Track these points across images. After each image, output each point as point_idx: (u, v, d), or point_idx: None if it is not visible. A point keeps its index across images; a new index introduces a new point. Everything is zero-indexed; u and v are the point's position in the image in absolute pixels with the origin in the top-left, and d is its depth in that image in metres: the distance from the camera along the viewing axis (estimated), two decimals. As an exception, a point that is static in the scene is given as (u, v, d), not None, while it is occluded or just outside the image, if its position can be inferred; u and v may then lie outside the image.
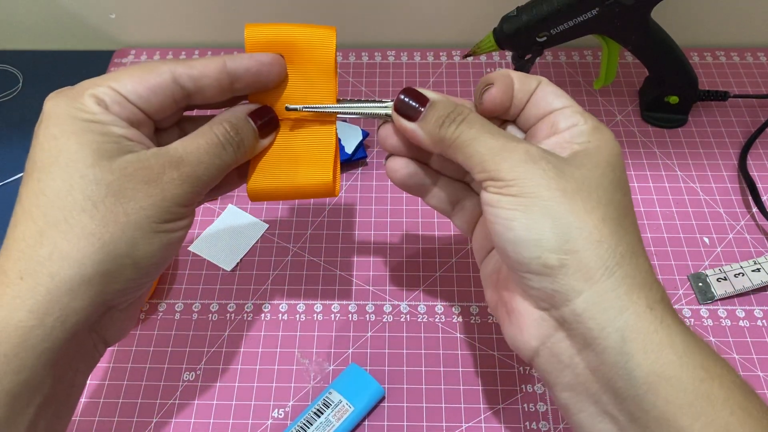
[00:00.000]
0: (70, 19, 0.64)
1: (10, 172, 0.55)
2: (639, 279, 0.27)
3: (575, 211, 0.27)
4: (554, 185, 0.28)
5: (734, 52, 0.64)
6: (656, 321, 0.27)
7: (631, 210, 0.30)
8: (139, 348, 0.45)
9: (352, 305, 0.47)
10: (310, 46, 0.33)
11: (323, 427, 0.39)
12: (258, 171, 0.34)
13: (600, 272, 0.27)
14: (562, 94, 0.32)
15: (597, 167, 0.29)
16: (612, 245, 0.27)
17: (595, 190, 0.28)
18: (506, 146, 0.29)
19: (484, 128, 0.30)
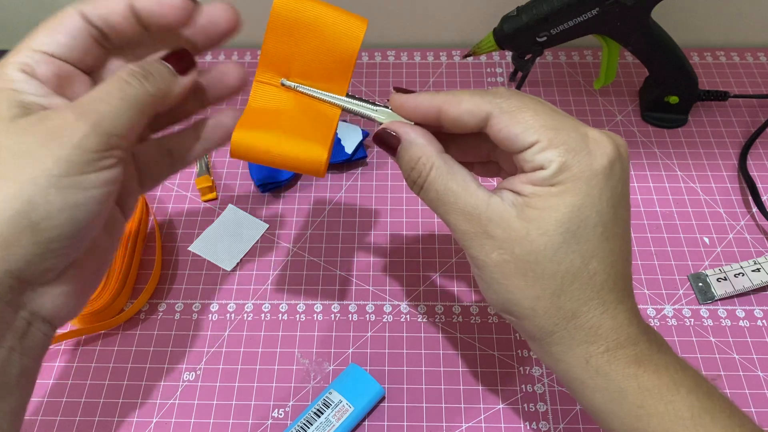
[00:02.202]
0: (70, 19, 0.64)
1: (10, 172, 0.55)
2: (579, 338, 0.30)
3: (512, 289, 0.30)
4: (495, 258, 0.30)
5: (734, 52, 0.64)
6: (590, 371, 0.30)
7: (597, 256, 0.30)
8: (139, 348, 0.45)
9: (352, 305, 0.47)
10: (336, 32, 0.32)
11: (323, 427, 0.39)
12: (248, 125, 0.32)
13: (539, 336, 0.31)
14: (532, 120, 0.29)
15: (549, 223, 0.29)
16: (548, 317, 0.30)
17: (536, 263, 0.29)
18: (463, 212, 0.30)
19: (440, 193, 0.31)
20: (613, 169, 0.29)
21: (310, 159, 0.32)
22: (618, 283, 0.30)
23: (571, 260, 0.29)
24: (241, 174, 0.55)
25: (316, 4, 0.32)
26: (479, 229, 0.30)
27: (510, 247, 0.29)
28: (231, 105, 0.54)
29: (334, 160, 0.53)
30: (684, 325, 0.45)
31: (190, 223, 0.51)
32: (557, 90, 0.61)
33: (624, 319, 0.30)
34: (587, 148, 0.29)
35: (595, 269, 0.30)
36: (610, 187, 0.29)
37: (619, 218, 0.30)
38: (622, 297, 0.31)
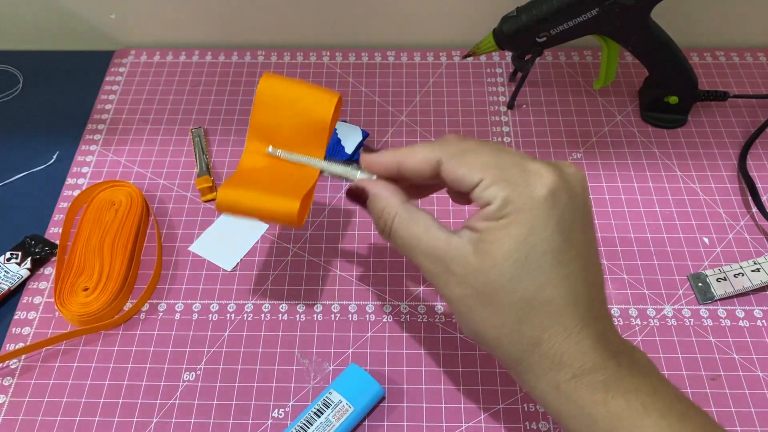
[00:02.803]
0: (70, 19, 0.64)
1: (10, 172, 0.55)
2: (545, 365, 0.31)
3: (477, 321, 0.32)
4: (458, 293, 0.32)
5: (734, 52, 0.64)
6: (561, 398, 0.31)
7: (551, 282, 0.31)
8: (139, 348, 0.45)
9: (352, 305, 0.47)
10: (311, 106, 0.38)
11: (323, 427, 0.39)
12: (233, 185, 0.37)
13: (510, 364, 0.33)
14: (475, 161, 0.32)
15: (500, 255, 0.31)
16: (513, 346, 0.32)
17: (494, 294, 0.31)
18: (426, 253, 0.33)
19: (405, 238, 0.34)
20: (556, 197, 0.31)
21: (284, 212, 0.37)
22: (580, 307, 0.31)
23: (525, 288, 0.31)
24: (241, 174, 0.55)
25: (293, 84, 0.38)
26: (442, 267, 0.32)
27: (469, 282, 0.32)
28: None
29: (334, 160, 0.53)
30: (684, 325, 0.45)
31: (190, 223, 0.52)
32: (557, 90, 0.61)
33: (589, 344, 0.31)
34: (527, 181, 0.31)
35: (551, 295, 0.31)
36: (555, 214, 0.31)
37: (573, 243, 0.31)
38: (586, 321, 0.31)
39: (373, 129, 0.58)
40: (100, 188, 0.51)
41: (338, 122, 0.54)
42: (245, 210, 0.37)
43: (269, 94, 0.38)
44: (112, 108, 0.60)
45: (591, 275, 0.32)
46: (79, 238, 0.48)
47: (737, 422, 0.41)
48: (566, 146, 0.56)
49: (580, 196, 0.32)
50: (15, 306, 0.47)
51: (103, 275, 0.46)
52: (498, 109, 0.59)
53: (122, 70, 0.63)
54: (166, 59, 0.64)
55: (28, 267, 0.48)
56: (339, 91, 0.61)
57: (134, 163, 0.55)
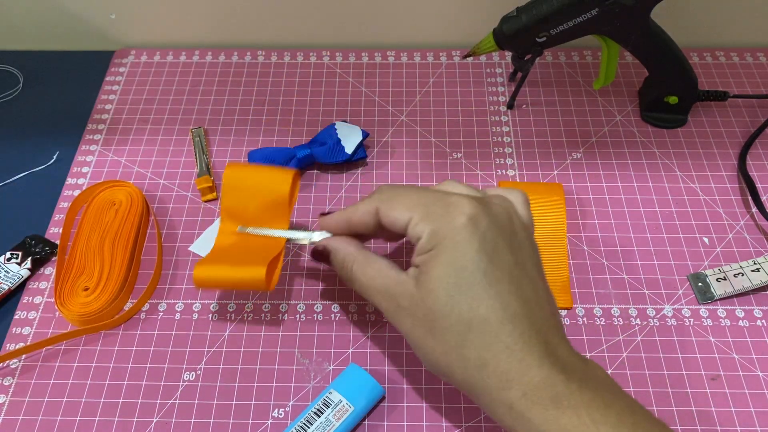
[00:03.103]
0: (70, 19, 0.64)
1: (10, 172, 0.55)
2: (495, 386, 0.32)
3: (428, 350, 0.35)
4: (408, 325, 0.35)
5: (734, 52, 0.64)
6: (515, 417, 0.32)
7: (483, 301, 0.33)
8: (139, 348, 0.45)
9: (352, 305, 0.47)
10: (271, 186, 0.44)
11: (323, 426, 0.39)
12: (207, 262, 0.42)
13: (467, 391, 0.34)
14: (404, 203, 0.36)
15: (433, 282, 0.34)
16: (461, 371, 0.33)
17: (434, 320, 0.34)
18: (380, 292, 0.37)
19: (362, 281, 0.38)
20: (476, 222, 0.34)
21: (253, 278, 0.41)
22: (518, 324, 0.32)
23: (460, 310, 0.33)
24: (241, 174, 0.55)
25: (253, 169, 0.45)
26: (394, 303, 0.36)
27: (415, 313, 0.35)
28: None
29: (334, 160, 0.53)
30: (683, 325, 0.45)
31: (190, 223, 0.52)
32: (557, 90, 0.61)
33: (533, 360, 0.32)
34: (448, 212, 0.34)
35: (486, 314, 0.33)
36: (476, 238, 0.33)
37: (500, 262, 0.34)
38: (527, 338, 0.32)
39: (373, 129, 0.58)
40: (100, 188, 0.51)
41: (338, 122, 0.54)
42: (219, 282, 0.42)
43: (233, 181, 0.44)
44: (112, 108, 0.60)
45: (526, 293, 0.34)
46: (79, 238, 0.49)
47: (737, 422, 0.41)
48: (566, 146, 0.56)
49: (503, 219, 0.35)
50: (15, 306, 0.47)
51: (103, 275, 0.46)
52: (498, 109, 0.59)
53: (122, 70, 0.63)
54: (166, 59, 0.64)
55: (28, 267, 0.48)
56: (339, 91, 0.61)
57: (134, 163, 0.55)
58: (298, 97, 0.61)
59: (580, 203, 0.52)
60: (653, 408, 0.42)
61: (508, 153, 0.56)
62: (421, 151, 0.56)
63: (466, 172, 0.55)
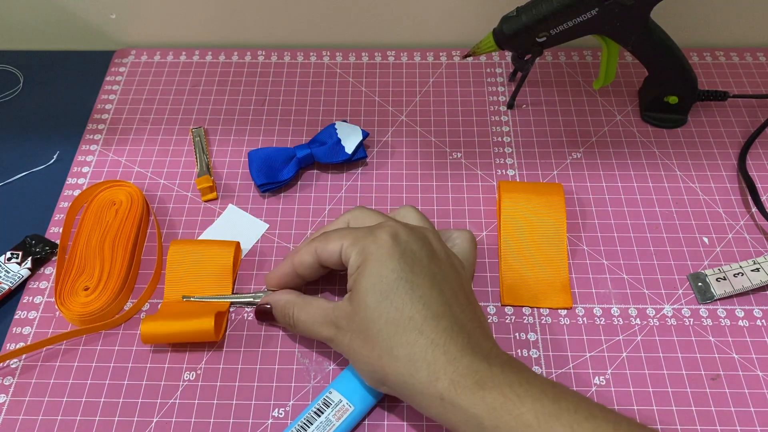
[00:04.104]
0: (70, 19, 0.64)
1: (10, 172, 0.55)
2: (424, 379, 0.35)
3: (366, 360, 0.37)
4: (347, 341, 0.38)
5: (734, 52, 0.64)
6: (447, 408, 0.34)
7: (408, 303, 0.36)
8: (139, 348, 0.45)
9: (352, 305, 0.47)
10: (214, 258, 0.47)
11: (323, 426, 0.39)
12: (153, 318, 0.43)
13: (408, 397, 0.37)
14: (335, 236, 0.40)
15: (362, 293, 0.37)
16: (396, 373, 0.36)
17: (367, 328, 0.37)
18: (322, 324, 0.40)
19: (304, 321, 0.41)
20: (397, 237, 0.38)
21: (201, 329, 0.43)
22: (441, 321, 0.36)
23: (387, 313, 0.36)
24: (241, 174, 0.55)
25: (196, 244, 0.48)
26: (334, 328, 0.39)
27: (351, 327, 0.38)
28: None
29: (334, 160, 0.53)
30: (683, 325, 0.46)
31: (191, 223, 0.52)
32: (557, 90, 0.61)
33: (456, 351, 0.35)
34: (372, 233, 0.39)
35: (411, 313, 0.36)
36: (398, 249, 0.37)
37: (422, 271, 0.37)
38: (450, 333, 0.35)
39: (373, 129, 0.58)
40: (100, 188, 0.51)
41: (338, 122, 0.54)
42: (168, 335, 0.43)
43: (178, 255, 0.47)
44: (113, 108, 0.60)
45: (447, 296, 0.37)
46: (79, 237, 0.49)
47: (737, 422, 0.41)
48: (566, 146, 0.56)
49: (422, 236, 0.39)
50: (15, 306, 0.47)
51: (103, 275, 0.46)
52: (498, 109, 0.59)
53: (122, 70, 0.63)
54: (166, 59, 0.64)
55: (28, 267, 0.48)
56: (339, 91, 0.61)
57: (134, 163, 0.56)
58: (298, 97, 0.61)
59: (580, 203, 0.52)
60: (653, 408, 0.42)
61: (508, 153, 0.56)
62: (421, 151, 0.56)
63: (466, 171, 0.55)
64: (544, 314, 0.46)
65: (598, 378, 0.43)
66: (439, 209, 0.52)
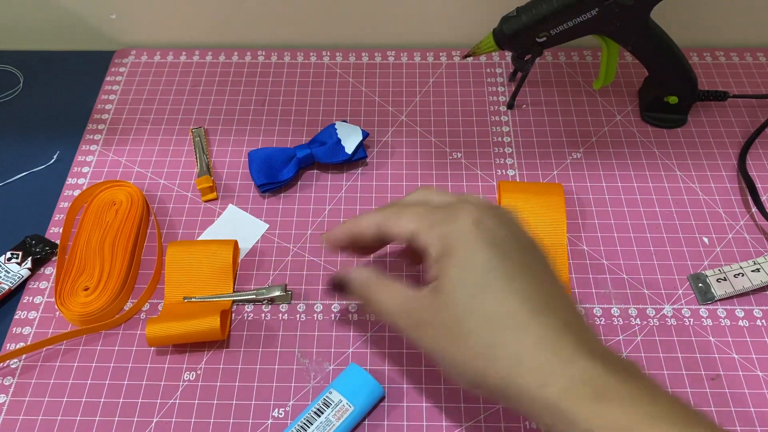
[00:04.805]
0: (70, 19, 0.64)
1: (11, 172, 0.55)
2: (532, 383, 0.31)
3: (455, 359, 0.33)
4: (431, 336, 0.34)
5: (734, 52, 0.64)
6: (558, 417, 0.30)
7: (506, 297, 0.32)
8: (139, 348, 0.45)
9: (352, 305, 0.47)
10: (213, 257, 0.47)
11: (323, 426, 0.39)
12: (157, 320, 0.43)
13: (511, 398, 0.32)
14: (409, 216, 0.36)
15: (451, 286, 0.33)
16: (497, 374, 0.32)
17: (457, 325, 0.33)
18: (399, 312, 0.36)
19: (382, 302, 0.37)
20: (481, 223, 0.34)
21: (207, 329, 0.43)
22: (547, 317, 0.31)
23: (482, 308, 0.32)
24: (241, 174, 0.55)
25: (194, 245, 0.48)
26: (414, 319, 0.35)
27: (436, 323, 0.33)
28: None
29: (334, 160, 0.53)
30: (683, 325, 0.46)
31: (191, 223, 0.52)
32: (557, 90, 0.61)
33: (568, 353, 0.30)
34: (453, 218, 0.34)
35: (512, 308, 0.32)
36: (486, 237, 0.33)
37: (515, 261, 0.33)
38: (558, 329, 0.31)
39: (373, 129, 0.58)
40: (100, 188, 0.51)
41: (338, 122, 0.54)
42: (173, 336, 0.43)
43: (177, 256, 0.47)
44: (113, 108, 0.60)
45: (546, 288, 0.33)
46: (79, 237, 0.49)
47: (737, 422, 0.41)
48: (566, 146, 0.56)
49: (508, 221, 0.35)
50: (15, 306, 0.47)
51: (103, 275, 0.46)
52: (498, 109, 0.59)
53: (122, 70, 0.63)
54: (166, 59, 0.64)
55: (28, 267, 0.48)
56: (339, 91, 0.61)
57: (134, 163, 0.56)
58: (298, 97, 0.61)
59: (580, 203, 0.52)
60: (653, 408, 0.42)
61: (508, 153, 0.56)
62: (421, 151, 0.56)
63: (466, 171, 0.55)
64: (544, 314, 0.46)
65: (598, 378, 0.43)
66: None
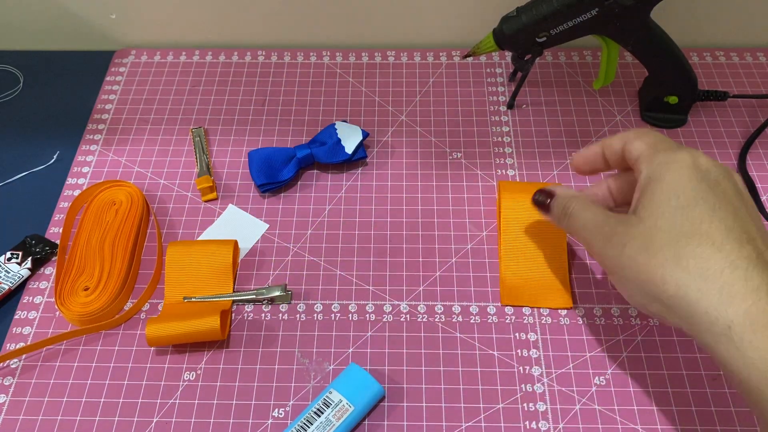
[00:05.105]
0: (70, 19, 0.64)
1: (11, 172, 0.55)
2: (714, 301, 0.31)
3: (640, 269, 0.34)
4: (619, 245, 0.35)
5: (734, 52, 0.64)
6: (734, 343, 0.30)
7: (706, 221, 0.33)
8: (139, 348, 0.45)
9: (352, 305, 0.47)
10: (213, 256, 0.47)
11: (323, 426, 0.39)
12: (157, 320, 0.43)
13: (676, 314, 0.33)
14: (647, 133, 0.38)
15: (654, 203, 0.35)
16: (675, 283, 0.33)
17: (651, 237, 0.34)
18: (596, 230, 0.37)
19: (581, 217, 0.39)
20: (698, 161, 0.35)
21: (207, 329, 0.43)
22: (744, 247, 0.32)
23: (681, 226, 0.33)
24: (241, 174, 0.55)
25: (193, 245, 0.48)
26: (606, 234, 0.36)
27: (630, 235, 0.35)
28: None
29: (334, 160, 0.53)
30: (683, 325, 0.45)
31: (191, 223, 0.52)
32: (557, 90, 0.61)
33: (762, 281, 0.30)
34: (674, 150, 0.36)
35: (709, 230, 0.32)
36: (699, 173, 0.34)
37: (723, 196, 0.34)
38: (755, 260, 0.31)
39: (373, 129, 0.58)
40: (100, 188, 0.52)
41: (338, 122, 0.54)
42: (173, 336, 0.43)
43: (176, 256, 0.47)
44: (113, 108, 0.60)
45: (750, 229, 0.33)
46: (79, 237, 0.49)
47: (737, 422, 0.41)
48: (566, 146, 0.56)
49: (726, 170, 0.36)
50: (15, 306, 0.47)
51: (103, 275, 0.46)
52: (498, 109, 0.59)
53: (122, 70, 0.63)
54: (166, 59, 0.64)
55: (28, 267, 0.48)
56: (339, 91, 0.61)
57: (134, 163, 0.56)
58: (298, 97, 0.61)
59: (580, 203, 0.52)
60: (653, 408, 0.42)
61: (508, 153, 0.56)
62: (421, 151, 0.56)
63: (466, 171, 0.55)
64: (544, 314, 0.46)
65: (598, 378, 0.43)
66: (439, 209, 0.52)
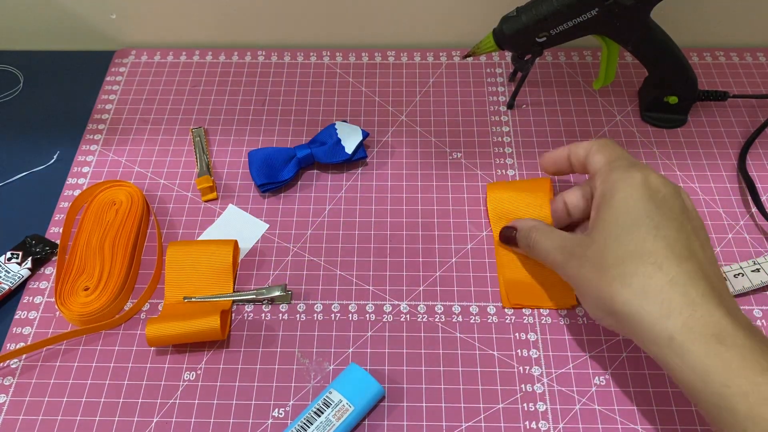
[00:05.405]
0: (70, 19, 0.64)
1: (10, 172, 0.55)
2: (655, 314, 0.34)
3: (592, 287, 0.38)
4: (576, 267, 0.39)
5: (734, 52, 0.64)
6: (674, 349, 0.33)
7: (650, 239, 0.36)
8: (139, 348, 0.45)
9: (352, 305, 0.47)
10: (213, 257, 0.47)
11: (323, 426, 0.39)
12: (157, 321, 0.43)
13: (623, 323, 0.37)
14: (610, 148, 0.42)
15: (604, 225, 0.38)
16: (621, 299, 0.35)
17: (602, 257, 0.37)
18: (558, 249, 0.41)
19: (544, 244, 0.42)
20: (648, 179, 0.38)
21: (207, 329, 0.43)
22: (684, 264, 0.34)
23: (627, 245, 0.36)
24: (241, 174, 0.55)
25: (193, 245, 0.48)
26: (568, 253, 0.40)
27: (586, 255, 0.38)
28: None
29: (334, 160, 0.53)
30: (683, 325, 0.45)
31: (191, 223, 0.52)
32: (557, 90, 0.61)
33: (697, 296, 0.33)
34: (627, 169, 0.39)
35: (652, 248, 0.35)
36: (647, 191, 0.37)
37: (669, 216, 0.36)
38: (693, 276, 0.34)
39: (373, 129, 0.58)
40: (100, 188, 0.52)
41: (338, 122, 0.54)
42: (173, 336, 0.43)
43: (176, 259, 0.47)
44: (113, 108, 0.60)
45: (693, 247, 0.35)
46: (79, 237, 0.49)
47: (737, 422, 0.41)
48: (566, 146, 0.56)
49: (675, 188, 0.38)
50: (15, 306, 0.47)
51: (103, 275, 0.46)
52: (498, 109, 0.59)
53: (122, 70, 0.63)
54: (166, 59, 0.64)
55: (28, 267, 0.48)
56: (339, 91, 0.61)
57: (135, 163, 0.56)
58: (298, 97, 0.61)
59: (580, 203, 0.52)
60: (653, 408, 0.42)
61: (508, 153, 0.56)
62: (421, 151, 0.56)
63: (466, 171, 0.55)
64: (544, 314, 0.46)
65: (598, 378, 0.43)
66: (439, 209, 0.52)
